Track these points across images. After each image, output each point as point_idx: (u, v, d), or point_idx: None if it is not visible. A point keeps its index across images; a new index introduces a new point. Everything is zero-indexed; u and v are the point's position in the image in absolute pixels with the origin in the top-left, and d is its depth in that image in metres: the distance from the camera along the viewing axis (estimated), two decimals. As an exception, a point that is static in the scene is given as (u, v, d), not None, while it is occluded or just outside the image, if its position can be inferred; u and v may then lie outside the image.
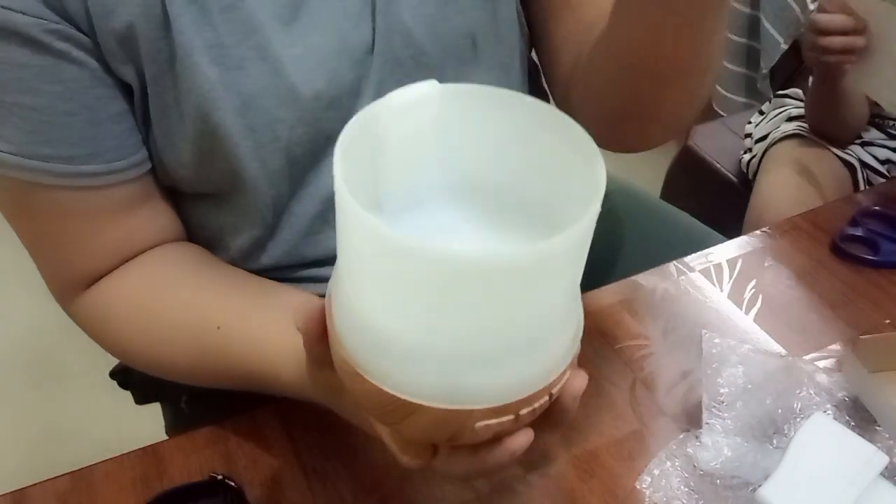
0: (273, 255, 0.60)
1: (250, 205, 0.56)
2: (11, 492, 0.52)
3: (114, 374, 0.75)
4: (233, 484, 0.50)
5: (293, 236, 0.60)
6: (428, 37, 0.55)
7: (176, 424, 0.74)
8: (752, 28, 1.77)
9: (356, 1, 0.53)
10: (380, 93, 0.54)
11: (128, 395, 0.75)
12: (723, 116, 1.65)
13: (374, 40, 0.54)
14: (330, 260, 0.61)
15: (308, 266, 0.62)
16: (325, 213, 0.59)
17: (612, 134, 0.56)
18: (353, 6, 0.53)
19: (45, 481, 0.53)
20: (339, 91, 0.54)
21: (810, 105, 1.19)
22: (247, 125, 0.51)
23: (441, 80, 0.58)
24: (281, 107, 0.52)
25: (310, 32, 0.52)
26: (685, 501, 0.50)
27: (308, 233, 0.60)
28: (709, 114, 1.95)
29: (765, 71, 1.73)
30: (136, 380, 0.73)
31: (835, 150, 1.19)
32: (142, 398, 0.75)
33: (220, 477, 0.51)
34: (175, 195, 0.59)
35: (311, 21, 0.52)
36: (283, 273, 0.61)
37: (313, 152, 0.55)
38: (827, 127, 1.18)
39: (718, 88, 1.94)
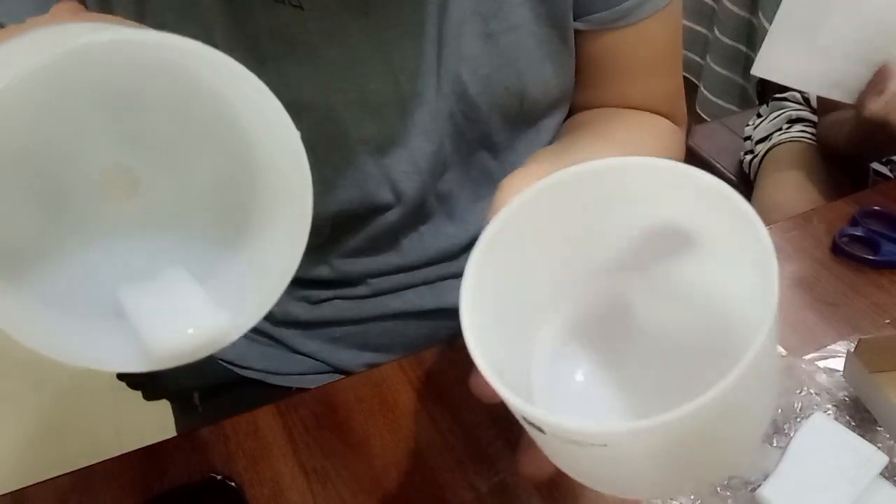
0: (314, 273, 0.62)
1: None
2: (11, 492, 0.52)
3: (121, 375, 0.75)
4: (233, 484, 0.51)
5: (333, 263, 0.62)
6: (481, 95, 0.56)
7: (189, 425, 0.74)
8: (749, 33, 1.76)
9: (418, 53, 0.53)
10: (428, 144, 0.56)
11: (128, 394, 0.75)
12: (711, 120, 1.65)
13: (429, 93, 0.54)
14: (374, 275, 0.63)
15: (350, 277, 0.64)
16: (367, 248, 0.61)
17: None
18: (415, 58, 0.53)
19: (45, 481, 0.53)
20: (386, 138, 0.55)
21: (842, 140, 1.14)
22: None
23: (486, 131, 0.59)
24: (329, 149, 0.52)
25: (365, 78, 0.52)
26: (683, 502, 0.50)
27: (348, 261, 0.61)
28: (701, 116, 1.95)
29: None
30: (146, 377, 0.73)
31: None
32: (151, 395, 0.75)
33: (219, 477, 0.51)
34: None
35: (368, 66, 0.52)
36: (323, 280, 0.63)
37: (360, 198, 0.57)
38: (848, 156, 1.15)
39: (704, 92, 1.94)
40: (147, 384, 0.74)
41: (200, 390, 0.70)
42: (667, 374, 0.36)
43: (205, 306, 0.31)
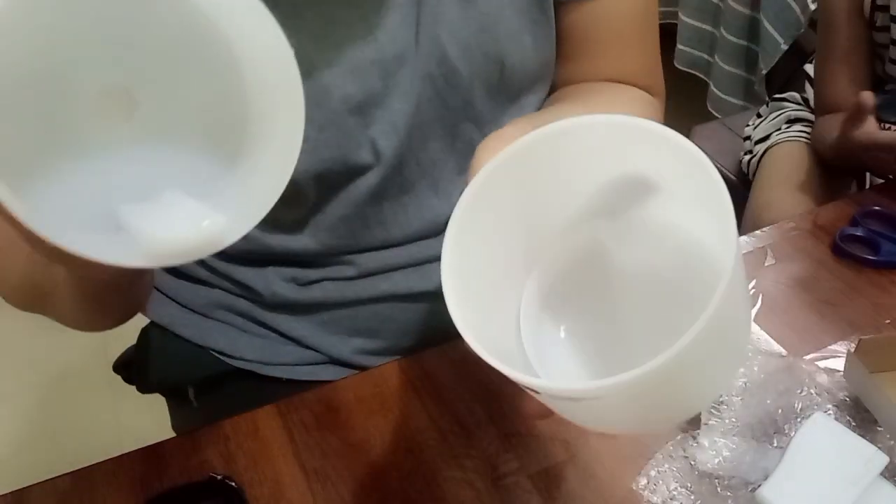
0: (300, 245, 0.62)
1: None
2: (11, 492, 0.52)
3: (117, 368, 0.75)
4: (233, 484, 0.51)
5: (318, 234, 0.61)
6: (461, 59, 0.57)
7: (184, 420, 0.74)
8: (752, 30, 1.77)
9: (397, 15, 0.54)
10: (407, 104, 0.57)
11: (128, 394, 0.75)
12: (723, 117, 1.65)
13: (409, 55, 0.55)
14: (359, 251, 0.63)
15: (336, 255, 0.64)
16: (351, 217, 0.61)
17: None
18: (394, 20, 0.54)
19: (45, 481, 0.53)
20: (367, 97, 0.55)
21: (825, 151, 1.14)
22: None
23: (468, 100, 0.60)
24: (311, 107, 0.53)
25: (345, 38, 0.53)
26: (683, 502, 0.50)
27: (333, 232, 0.61)
28: (706, 115, 1.95)
29: (764, 72, 1.72)
30: (140, 369, 0.74)
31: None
32: (145, 388, 0.75)
33: (220, 477, 0.51)
34: None
35: (348, 27, 0.53)
36: (308, 259, 0.63)
37: (341, 157, 0.57)
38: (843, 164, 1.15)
39: (714, 90, 1.94)
40: (140, 376, 0.74)
41: (194, 383, 0.70)
42: (646, 314, 0.38)
43: (201, 210, 0.32)
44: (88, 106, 0.33)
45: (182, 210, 0.32)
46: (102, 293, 0.52)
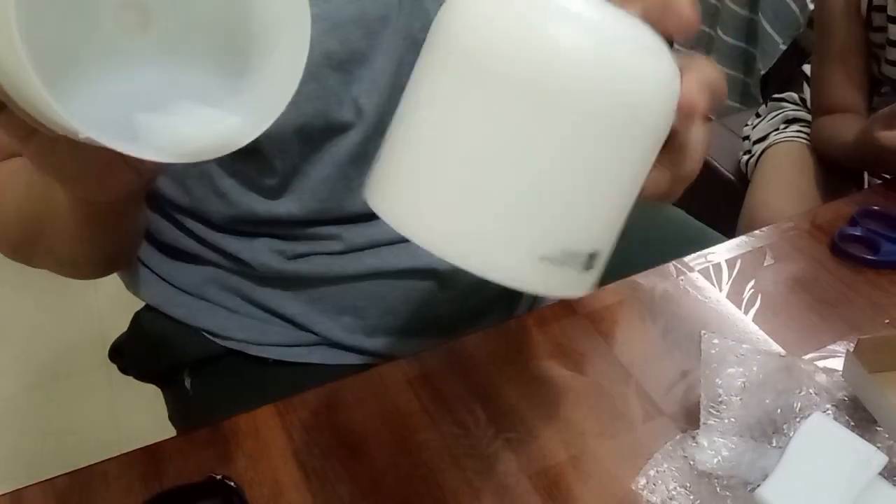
0: (284, 210, 0.62)
1: (258, 165, 0.59)
2: (11, 492, 0.52)
3: (112, 355, 0.75)
4: (232, 484, 0.51)
5: (302, 197, 0.62)
6: None
7: (180, 409, 0.74)
8: (750, 31, 1.77)
9: None
10: (389, 64, 0.58)
11: (126, 393, 0.75)
12: (721, 117, 1.65)
13: (392, 16, 0.56)
14: (344, 220, 0.64)
15: (322, 224, 0.64)
16: (335, 179, 0.61)
17: None
18: None
19: (44, 481, 0.53)
20: (349, 55, 0.56)
21: (837, 153, 1.12)
22: None
23: None
24: None
25: None
26: (682, 502, 0.50)
27: (317, 194, 0.62)
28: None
29: (762, 72, 1.72)
30: (133, 356, 0.74)
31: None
32: (140, 373, 0.75)
33: (219, 477, 0.51)
34: None
35: None
36: (294, 229, 0.63)
37: (323, 112, 0.57)
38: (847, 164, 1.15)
39: (710, 91, 1.94)
40: (134, 361, 0.74)
41: (187, 365, 0.71)
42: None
43: (215, 112, 0.34)
44: (109, 17, 0.34)
45: (197, 113, 0.34)
46: (96, 228, 0.53)
